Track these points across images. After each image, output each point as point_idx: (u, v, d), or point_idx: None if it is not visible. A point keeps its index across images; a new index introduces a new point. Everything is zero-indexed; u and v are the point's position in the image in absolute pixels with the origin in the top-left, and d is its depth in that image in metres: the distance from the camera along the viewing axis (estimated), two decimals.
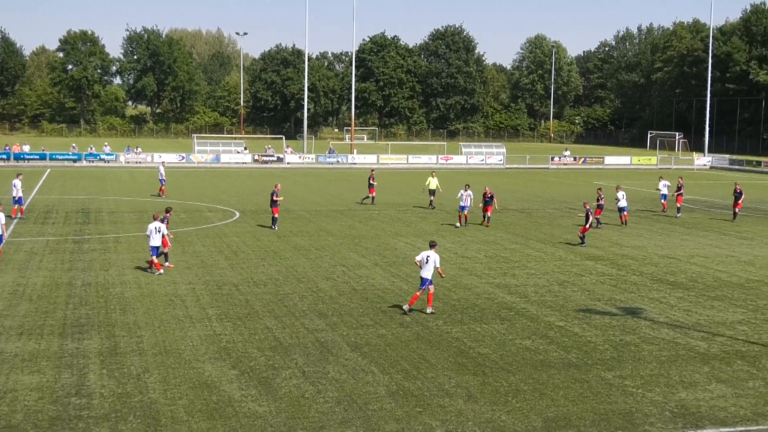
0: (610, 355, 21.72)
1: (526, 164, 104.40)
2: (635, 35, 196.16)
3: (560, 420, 17.18)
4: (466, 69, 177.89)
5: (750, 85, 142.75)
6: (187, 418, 16.78)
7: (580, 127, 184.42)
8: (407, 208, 53.93)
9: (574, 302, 27.79)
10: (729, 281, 31.76)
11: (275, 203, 43.40)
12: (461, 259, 35.49)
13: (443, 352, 21.70)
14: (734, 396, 18.82)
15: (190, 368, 19.93)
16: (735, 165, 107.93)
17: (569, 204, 58.19)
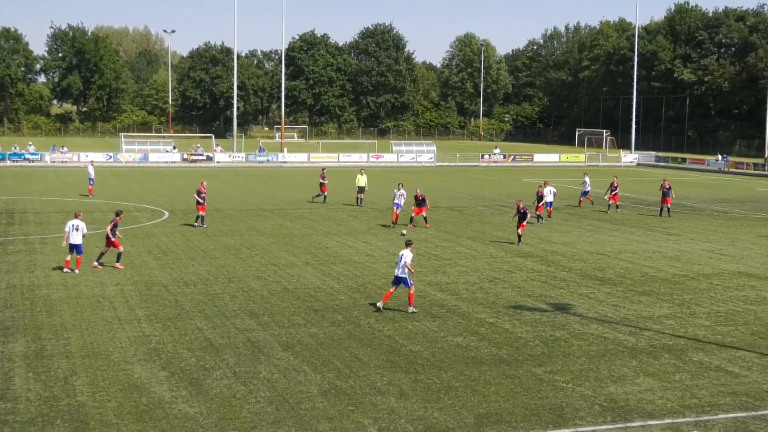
0: (540, 351, 21.92)
1: (457, 162, 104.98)
2: (563, 34, 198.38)
3: (492, 416, 17.28)
4: (396, 67, 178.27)
5: (675, 84, 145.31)
6: (116, 421, 16.54)
7: (509, 125, 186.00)
8: (338, 207, 53.87)
9: (505, 299, 27.99)
10: (656, 276, 32.27)
11: (201, 201, 43.32)
12: (392, 257, 35.48)
13: (375, 351, 21.70)
14: (661, 389, 19.11)
15: (119, 370, 19.65)
16: (661, 162, 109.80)
17: (499, 201, 58.65)
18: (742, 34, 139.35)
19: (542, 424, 16.92)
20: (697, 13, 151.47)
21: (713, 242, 41.10)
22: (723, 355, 21.83)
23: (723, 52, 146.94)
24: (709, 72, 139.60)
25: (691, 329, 24.38)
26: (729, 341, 23.12)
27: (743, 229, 45.96)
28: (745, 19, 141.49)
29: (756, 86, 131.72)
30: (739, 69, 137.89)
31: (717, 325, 24.91)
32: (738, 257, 36.85)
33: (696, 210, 55.11)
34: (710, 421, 17.21)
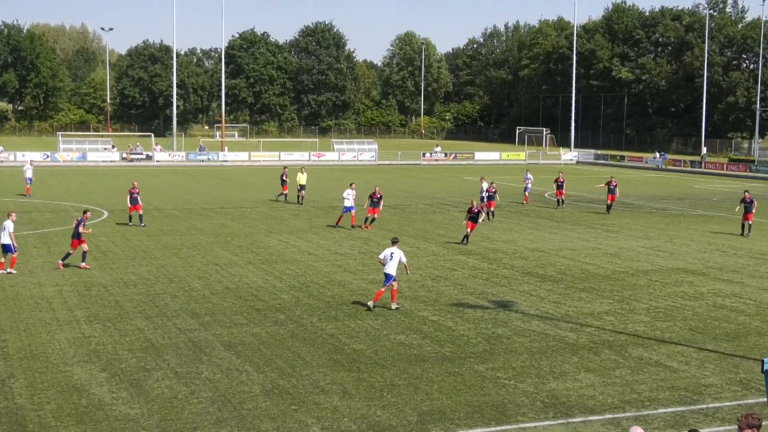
0: (482, 348, 22.02)
1: (398, 160, 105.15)
2: (502, 33, 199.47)
3: (435, 413, 17.32)
4: (336, 66, 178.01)
5: (613, 82, 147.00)
6: (55, 423, 16.28)
7: (450, 124, 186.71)
8: (279, 206, 53.66)
9: (447, 297, 28.09)
10: (596, 273, 32.60)
11: (135, 201, 43.25)
12: (335, 256, 35.49)
13: (318, 350, 21.64)
14: (602, 384, 19.31)
15: (58, 372, 19.35)
16: (600, 159, 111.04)
17: (441, 200, 58.87)
18: (678, 33, 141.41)
19: (485, 421, 17.00)
20: (634, 13, 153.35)
21: (652, 239, 41.65)
22: (662, 350, 22.13)
23: (660, 51, 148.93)
24: (647, 71, 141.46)
25: (631, 325, 24.67)
26: (668, 336, 23.44)
27: (681, 226, 46.64)
28: (680, 18, 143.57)
29: (692, 85, 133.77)
30: (675, 68, 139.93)
31: (656, 320, 25.24)
32: (676, 254, 37.38)
33: (635, 207, 55.79)
34: (650, 416, 17.43)
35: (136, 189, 43.92)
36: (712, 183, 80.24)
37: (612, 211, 51.53)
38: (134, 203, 43.40)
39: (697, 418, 17.38)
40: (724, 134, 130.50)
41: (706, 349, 22.28)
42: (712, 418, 17.41)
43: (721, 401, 18.35)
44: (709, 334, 23.81)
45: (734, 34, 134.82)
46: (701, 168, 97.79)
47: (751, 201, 43.87)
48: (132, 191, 43.72)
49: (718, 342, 22.97)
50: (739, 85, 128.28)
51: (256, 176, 79.45)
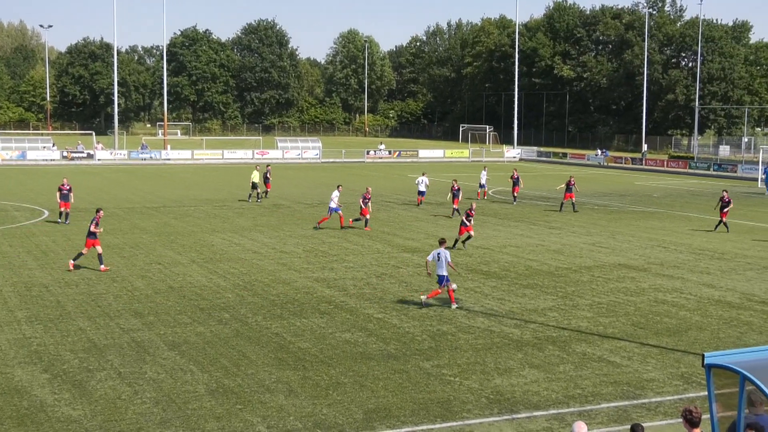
0: (428, 345, 22.08)
1: (342, 158, 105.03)
2: (445, 31, 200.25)
3: (380, 411, 17.33)
4: (280, 63, 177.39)
5: (555, 80, 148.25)
6: None
7: (394, 121, 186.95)
8: (223, 204, 53.32)
9: (392, 294, 28.12)
10: (540, 270, 32.85)
11: (66, 197, 42.99)
12: (279, 254, 35.36)
13: (263, 348, 21.54)
14: (546, 380, 19.46)
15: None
16: (543, 157, 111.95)
17: (386, 198, 58.89)
18: (618, 31, 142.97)
19: (430, 417, 17.05)
20: (574, 11, 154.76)
21: (594, 235, 42.07)
22: (605, 345, 22.36)
23: (600, 49, 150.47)
24: (588, 69, 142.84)
25: (575, 321, 24.90)
26: (610, 332, 23.69)
27: (622, 222, 47.17)
28: (621, 17, 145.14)
29: (633, 82, 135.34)
30: (616, 66, 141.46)
31: (599, 316, 25.49)
32: (618, 249, 37.80)
33: (577, 204, 56.33)
34: (593, 411, 17.60)
35: (66, 186, 43.54)
36: (652, 180, 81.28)
37: (576, 209, 51.87)
38: (65, 200, 43.13)
39: (640, 412, 17.59)
40: (665, 131, 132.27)
41: (648, 344, 22.56)
42: (655, 412, 17.64)
43: (663, 395, 18.59)
44: (650, 329, 24.11)
45: (673, 33, 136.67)
46: (642, 165, 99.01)
47: (729, 201, 44.06)
48: (62, 188, 43.42)
49: (659, 337, 23.27)
50: (678, 83, 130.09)
51: (199, 175, 78.89)
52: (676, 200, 60.26)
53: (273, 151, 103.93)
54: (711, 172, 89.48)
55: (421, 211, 50.71)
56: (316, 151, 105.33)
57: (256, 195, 55.02)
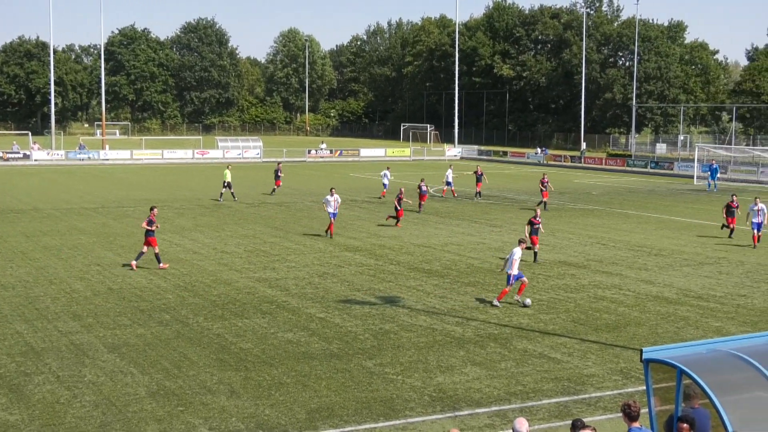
0: (370, 344, 22.10)
1: (284, 158, 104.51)
2: (385, 30, 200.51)
3: (323, 410, 17.31)
4: (219, 62, 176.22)
5: (495, 79, 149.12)
6: None
7: (335, 121, 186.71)
8: (163, 204, 52.80)
9: (335, 293, 28.09)
10: (481, 267, 33.03)
11: None
12: (221, 254, 35.14)
13: (204, 349, 21.40)
14: (488, 377, 19.58)
15: None
16: (483, 155, 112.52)
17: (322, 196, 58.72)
18: (557, 31, 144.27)
19: (373, 416, 17.06)
20: (514, 11, 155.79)
21: None
22: (546, 342, 22.56)
23: (540, 49, 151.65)
24: (527, 68, 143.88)
25: (516, 318, 25.08)
26: (551, 329, 23.91)
27: (562, 220, 47.60)
28: (559, 16, 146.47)
29: (571, 81, 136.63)
30: (555, 65, 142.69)
31: (539, 313, 25.71)
32: (558, 247, 38.15)
33: (517, 202, 56.73)
34: (534, 407, 17.75)
35: None
36: (591, 177, 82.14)
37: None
38: None
39: (580, 407, 17.77)
40: (603, 130, 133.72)
41: (588, 340, 22.81)
42: (595, 407, 17.83)
43: (603, 390, 18.81)
44: (590, 325, 24.38)
45: (611, 33, 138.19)
46: (581, 163, 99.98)
47: (737, 206, 41.39)
48: None
49: (599, 333, 23.54)
50: (615, 82, 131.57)
51: (138, 175, 78.07)
52: (615, 198, 60.99)
53: (213, 151, 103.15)
54: (648, 170, 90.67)
55: (363, 210, 50.78)
56: (257, 150, 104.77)
57: (223, 195, 55.33)
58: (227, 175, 55.26)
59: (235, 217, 46.76)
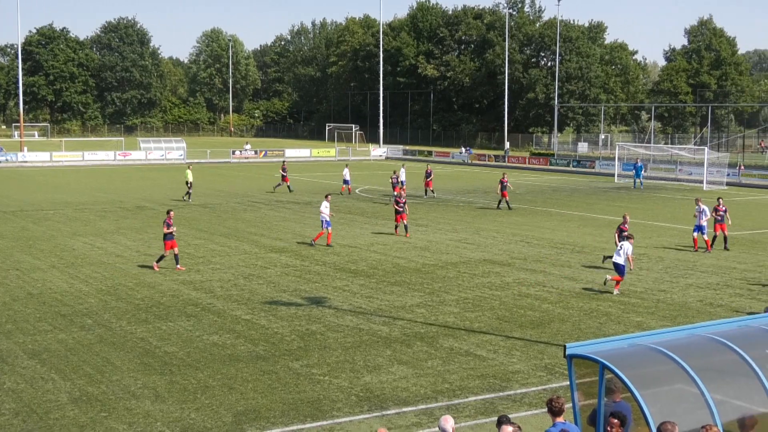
0: (297, 345, 22.02)
1: (207, 159, 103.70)
2: (310, 30, 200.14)
3: (250, 413, 17.20)
4: (141, 62, 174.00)
5: (419, 79, 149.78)
6: None
7: (260, 121, 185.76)
8: (84, 207, 51.99)
9: (261, 295, 27.94)
10: (407, 267, 33.13)
11: None
12: (144, 257, 34.71)
13: (128, 354, 21.11)
14: (415, 376, 19.65)
15: None
16: (408, 155, 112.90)
17: (252, 198, 58.46)
18: (480, 31, 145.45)
19: (300, 417, 17.01)
20: (437, 11, 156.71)
21: (459, 232, 42.67)
22: (471, 340, 22.71)
23: (463, 49, 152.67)
24: (451, 68, 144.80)
25: (442, 317, 25.21)
26: (477, 326, 24.08)
27: (486, 219, 47.99)
28: (482, 17, 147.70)
29: (494, 81, 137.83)
30: (478, 65, 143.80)
31: (465, 311, 25.88)
32: (483, 245, 38.44)
33: (442, 201, 57.05)
34: (461, 404, 17.86)
35: None
36: (515, 176, 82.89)
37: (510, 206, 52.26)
38: None
39: (506, 404, 17.93)
40: (526, 129, 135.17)
41: (513, 336, 23.02)
42: (520, 403, 18.01)
43: (528, 386, 19.00)
44: (515, 322, 24.61)
45: (533, 33, 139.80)
46: (505, 162, 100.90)
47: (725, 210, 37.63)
48: None
49: (524, 330, 23.78)
50: (538, 82, 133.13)
51: (58, 177, 76.72)
52: (538, 196, 61.68)
53: (135, 152, 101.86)
54: (570, 169, 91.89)
55: (289, 211, 50.57)
56: (180, 151, 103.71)
57: (187, 194, 55.92)
58: (189, 175, 55.86)
59: (159, 220, 46.12)
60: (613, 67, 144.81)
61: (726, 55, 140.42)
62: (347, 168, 63.33)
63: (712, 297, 27.91)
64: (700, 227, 36.91)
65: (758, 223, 46.64)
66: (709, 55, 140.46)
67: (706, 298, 27.68)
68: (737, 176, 75.25)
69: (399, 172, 59.37)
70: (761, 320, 14.15)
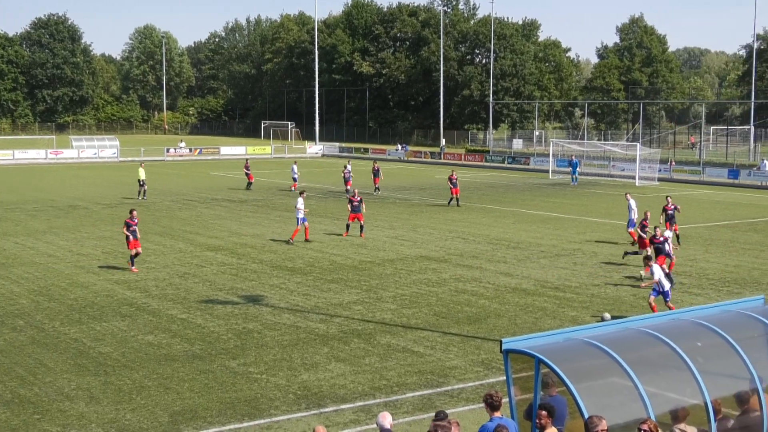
0: (233, 344, 21.90)
1: (141, 157, 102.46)
2: (244, 27, 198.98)
3: (186, 413, 17.07)
4: (72, 60, 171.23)
5: (355, 76, 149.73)
6: None
7: (194, 119, 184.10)
8: (15, 207, 51.11)
9: (196, 294, 27.73)
10: (344, 264, 33.13)
11: None
12: (77, 257, 34.24)
13: (62, 355, 20.81)
14: (353, 373, 19.66)
15: None
16: (345, 152, 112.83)
17: (186, 196, 57.96)
18: (415, 28, 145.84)
19: (238, 416, 16.92)
20: (372, 9, 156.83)
21: (396, 229, 42.77)
22: (409, 336, 22.79)
23: (398, 46, 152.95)
24: (387, 65, 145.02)
25: (379, 313, 25.25)
26: (414, 323, 24.16)
27: (423, 215, 48.16)
28: (417, 14, 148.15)
29: (430, 78, 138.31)
30: (413, 62, 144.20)
31: (402, 308, 25.95)
32: (419, 242, 38.58)
33: (379, 198, 57.10)
34: (399, 401, 17.91)
35: None
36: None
37: (459, 204, 52.22)
38: None
39: (443, 399, 18.02)
40: (461, 126, 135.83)
41: (450, 332, 23.15)
42: (458, 398, 18.12)
43: (465, 382, 19.13)
44: (452, 318, 24.74)
45: (467, 30, 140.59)
46: (441, 159, 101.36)
47: (675, 208, 37.80)
48: None
49: (460, 325, 23.92)
50: (473, 79, 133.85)
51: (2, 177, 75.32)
52: (474, 193, 62.05)
53: (68, 151, 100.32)
54: (505, 165, 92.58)
55: (224, 209, 50.21)
56: (113, 149, 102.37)
57: (142, 192, 55.88)
58: (141, 173, 55.81)
59: (92, 219, 45.63)
60: (546, 65, 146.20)
61: (657, 53, 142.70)
62: (295, 164, 63.86)
63: (644, 291, 28.32)
64: (630, 222, 37.45)
65: (688, 217, 47.43)
66: (641, 53, 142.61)
67: (639, 292, 28.10)
68: (668, 172, 76.48)
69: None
70: (692, 313, 14.41)
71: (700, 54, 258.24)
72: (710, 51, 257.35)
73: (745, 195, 61.63)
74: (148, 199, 54.66)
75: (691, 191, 64.14)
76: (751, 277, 30.97)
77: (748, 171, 73.56)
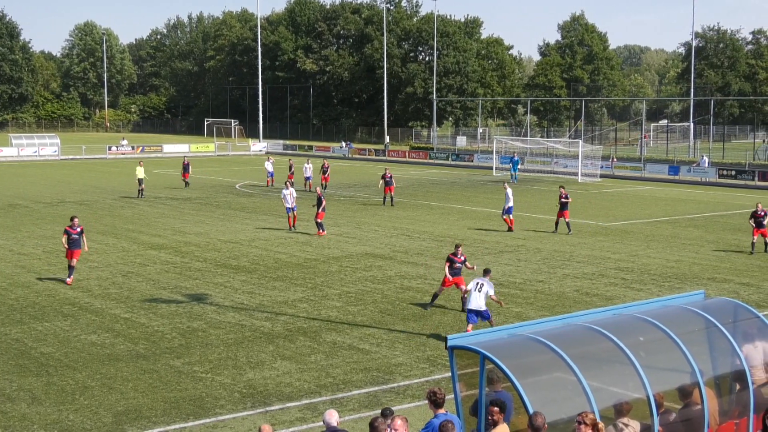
0: (178, 343, 21.77)
1: (83, 155, 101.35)
2: (186, 24, 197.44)
3: (131, 413, 16.93)
4: (11, 57, 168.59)
5: (298, 73, 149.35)
6: None
7: (136, 116, 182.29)
8: None
9: (140, 293, 27.49)
10: (289, 262, 33.06)
11: None
12: (17, 256, 33.76)
13: (2, 356, 20.52)
14: (298, 371, 19.65)
15: None
16: (289, 150, 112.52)
17: (130, 194, 57.37)
18: (358, 26, 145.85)
19: (182, 416, 16.83)
20: (315, 6, 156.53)
21: (341, 226, 42.76)
22: (354, 333, 22.82)
23: (342, 43, 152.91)
24: (330, 62, 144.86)
25: (324, 311, 25.24)
26: (359, 320, 24.19)
27: (367, 213, 48.21)
28: (360, 12, 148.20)
29: (374, 76, 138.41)
30: (357, 59, 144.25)
31: (348, 305, 25.97)
32: (364, 239, 38.62)
33: (327, 196, 56.95)
34: (345, 398, 17.94)
35: None
36: (395, 170, 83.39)
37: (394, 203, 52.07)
38: None
39: (389, 396, 18.08)
40: (405, 123, 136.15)
41: (396, 329, 23.22)
42: (403, 395, 18.19)
43: (411, 379, 19.21)
44: (398, 315, 24.82)
45: (410, 28, 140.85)
46: (385, 156, 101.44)
47: (567, 197, 40.17)
48: None
49: (406, 322, 24.00)
50: (416, 76, 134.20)
51: None
52: (418, 190, 62.25)
53: (7, 149, 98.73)
54: (450, 162, 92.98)
55: (168, 207, 49.81)
56: (54, 147, 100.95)
57: (140, 191, 55.50)
58: (140, 172, 55.50)
59: (33, 217, 45.01)
60: (489, 62, 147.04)
61: (598, 50, 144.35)
62: (270, 161, 65.85)
63: (588, 286, 28.68)
64: (507, 210, 41.13)
65: (630, 213, 48.06)
66: (582, 51, 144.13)
67: (582, 288, 28.42)
68: (610, 168, 77.36)
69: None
70: (634, 308, 14.61)
71: (640, 51, 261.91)
72: (650, 49, 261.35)
73: (685, 191, 62.59)
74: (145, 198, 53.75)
75: (633, 187, 64.95)
76: (691, 272, 31.47)
77: (688, 167, 74.67)
